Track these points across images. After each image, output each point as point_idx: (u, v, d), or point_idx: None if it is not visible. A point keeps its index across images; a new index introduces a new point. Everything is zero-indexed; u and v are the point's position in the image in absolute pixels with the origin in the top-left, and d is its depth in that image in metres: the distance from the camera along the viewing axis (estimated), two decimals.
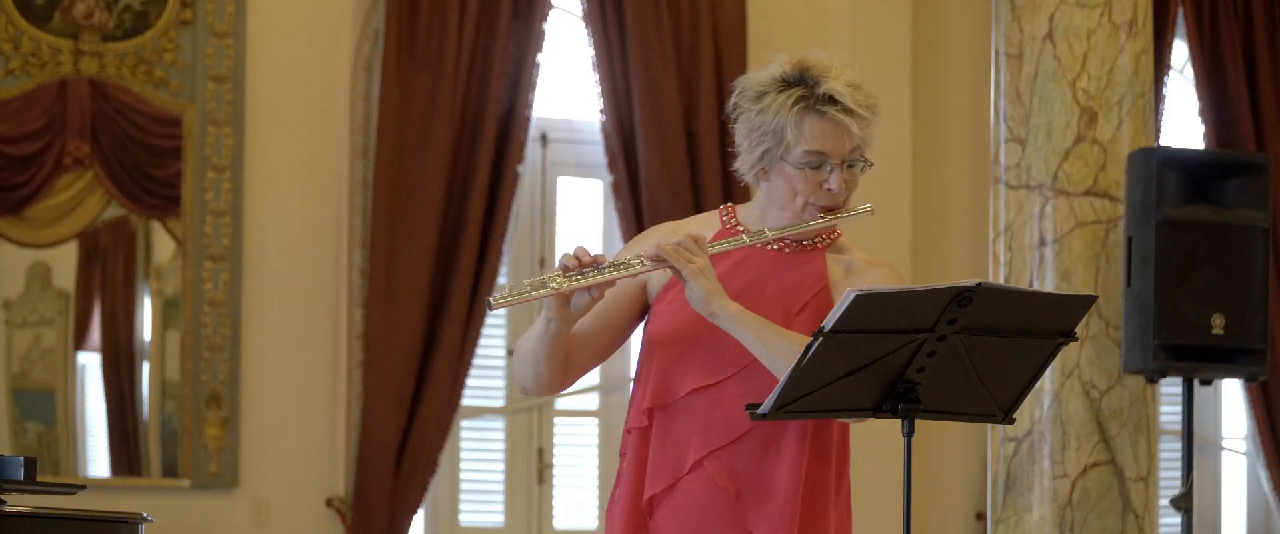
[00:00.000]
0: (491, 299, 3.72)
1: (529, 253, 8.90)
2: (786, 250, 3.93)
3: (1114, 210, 7.08)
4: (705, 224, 4.00)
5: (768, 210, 3.92)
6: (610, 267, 3.76)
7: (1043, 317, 3.81)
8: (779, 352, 3.74)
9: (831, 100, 3.82)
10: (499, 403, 8.87)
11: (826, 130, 3.83)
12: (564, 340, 3.83)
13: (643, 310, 3.97)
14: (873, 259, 3.99)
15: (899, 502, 3.89)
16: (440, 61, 8.51)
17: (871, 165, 3.91)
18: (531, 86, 8.65)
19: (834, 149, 3.84)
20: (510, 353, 8.79)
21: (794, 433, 3.85)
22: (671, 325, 3.89)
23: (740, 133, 3.89)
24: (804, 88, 3.83)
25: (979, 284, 3.69)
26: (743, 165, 3.92)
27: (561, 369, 3.88)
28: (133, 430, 8.32)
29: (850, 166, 3.87)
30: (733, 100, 3.91)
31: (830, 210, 3.89)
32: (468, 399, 8.65)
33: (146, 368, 8.33)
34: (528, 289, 3.71)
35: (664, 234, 3.93)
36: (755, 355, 3.77)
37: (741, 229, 3.94)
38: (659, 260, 3.78)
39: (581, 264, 3.74)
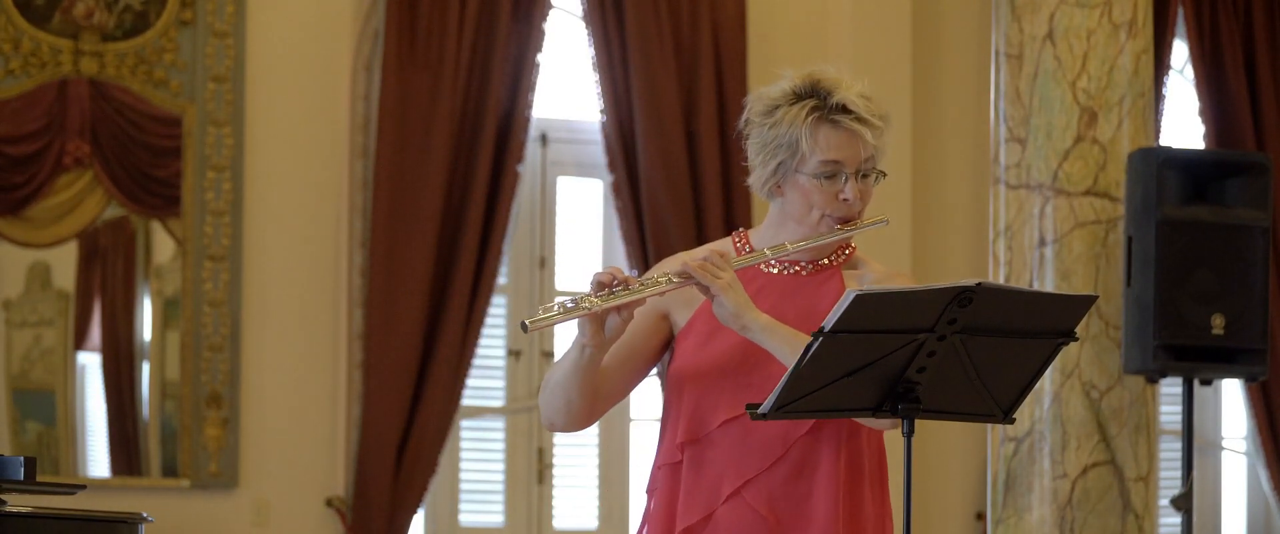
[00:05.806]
0: (527, 321, 3.68)
1: (529, 253, 8.90)
2: (804, 273, 3.92)
3: (1114, 210, 7.08)
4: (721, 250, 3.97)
5: (782, 227, 3.90)
6: (640, 285, 3.74)
7: (1043, 317, 3.81)
8: None
9: (845, 109, 3.81)
10: (499, 403, 8.86)
11: (841, 140, 3.82)
12: (597, 368, 3.81)
13: (665, 344, 3.95)
14: (890, 271, 3.98)
15: (899, 502, 3.87)
16: (440, 61, 8.51)
17: (885, 176, 3.91)
18: (531, 86, 8.64)
19: (849, 158, 3.83)
20: (511, 354, 8.80)
21: (828, 452, 3.83)
22: (698, 359, 3.87)
23: (753, 148, 3.87)
24: (816, 98, 3.82)
25: (979, 284, 3.69)
26: (756, 181, 3.90)
27: (591, 401, 3.85)
28: (133, 430, 8.32)
29: (864, 177, 3.86)
30: (743, 116, 3.89)
31: (846, 222, 3.87)
32: (468, 399, 8.64)
33: (146, 368, 8.32)
34: (564, 307, 3.69)
35: (685, 259, 3.88)
36: (788, 366, 3.72)
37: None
38: (687, 277, 3.76)
39: (613, 282, 3.72)
